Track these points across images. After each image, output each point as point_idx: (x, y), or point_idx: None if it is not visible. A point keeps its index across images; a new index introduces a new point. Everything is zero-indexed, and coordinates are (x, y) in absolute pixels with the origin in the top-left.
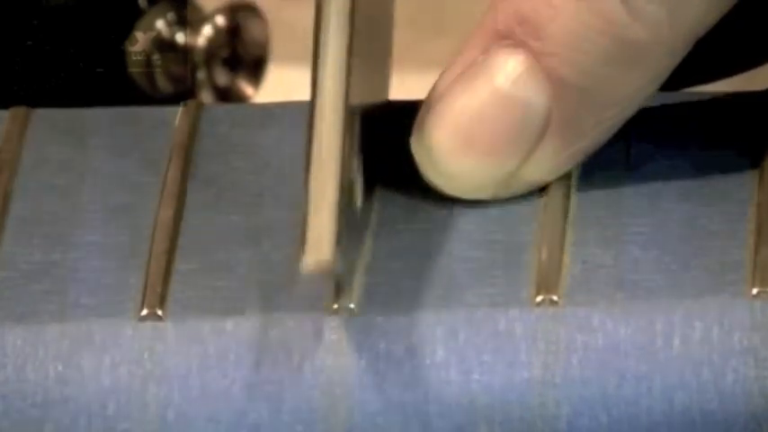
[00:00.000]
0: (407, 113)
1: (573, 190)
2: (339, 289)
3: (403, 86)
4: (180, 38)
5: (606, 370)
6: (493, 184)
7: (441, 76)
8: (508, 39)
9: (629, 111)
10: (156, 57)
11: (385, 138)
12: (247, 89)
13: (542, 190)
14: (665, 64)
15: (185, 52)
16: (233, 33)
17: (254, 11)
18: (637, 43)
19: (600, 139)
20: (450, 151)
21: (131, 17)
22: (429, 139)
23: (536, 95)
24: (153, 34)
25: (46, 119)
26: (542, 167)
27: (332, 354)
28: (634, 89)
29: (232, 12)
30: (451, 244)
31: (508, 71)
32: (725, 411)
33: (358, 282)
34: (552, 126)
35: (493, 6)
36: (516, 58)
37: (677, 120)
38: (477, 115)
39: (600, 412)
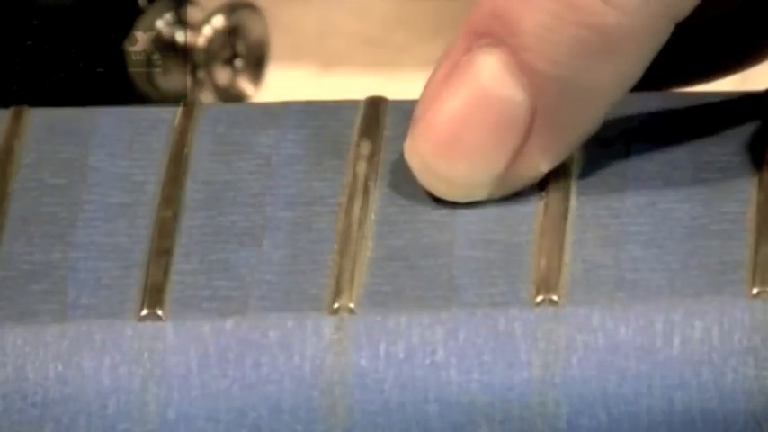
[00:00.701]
0: (406, 114)
1: (573, 190)
2: (339, 289)
3: (401, 87)
4: (180, 38)
5: (606, 370)
6: (486, 184)
7: (429, 78)
8: (487, 37)
9: (614, 98)
10: (156, 57)
11: (384, 138)
12: (247, 89)
13: (542, 190)
14: (644, 49)
15: (185, 52)
16: (233, 33)
17: (254, 11)
18: (610, 29)
19: (589, 129)
20: (440, 156)
21: (131, 17)
22: (419, 144)
23: (516, 92)
24: (153, 34)
25: (46, 119)
26: (534, 162)
27: (332, 354)
28: (615, 77)
29: (232, 12)
30: (451, 244)
31: (487, 70)
32: (725, 410)
33: (358, 282)
34: (538, 120)
35: (474, 5)
36: (494, 56)
37: (677, 120)
38: (462, 117)
39: (600, 412)
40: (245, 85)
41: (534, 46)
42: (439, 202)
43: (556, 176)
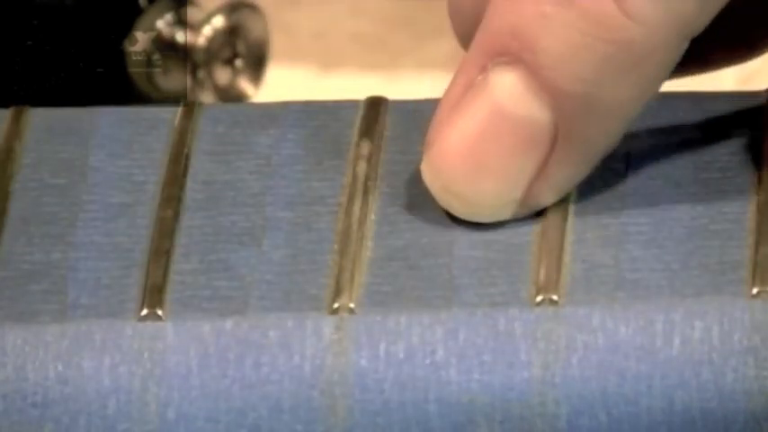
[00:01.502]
0: (406, 114)
1: (573, 190)
2: (339, 289)
3: (401, 87)
4: (180, 38)
5: (606, 370)
6: (509, 204)
7: (444, 96)
8: (504, 55)
9: (634, 114)
10: (156, 57)
11: (384, 138)
12: (247, 89)
13: None
14: (664, 65)
15: (185, 52)
16: (233, 33)
17: (254, 11)
18: (634, 44)
19: (610, 145)
20: (461, 178)
21: (131, 17)
22: (438, 167)
23: (538, 111)
24: (153, 34)
25: (46, 119)
26: (556, 181)
27: (332, 354)
28: (637, 92)
29: (232, 12)
30: (451, 244)
31: (507, 89)
32: (725, 410)
33: (358, 282)
34: (560, 138)
35: (486, 22)
36: (513, 74)
37: (677, 120)
38: (482, 138)
39: (600, 411)
40: (245, 85)
41: (556, 64)
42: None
43: None
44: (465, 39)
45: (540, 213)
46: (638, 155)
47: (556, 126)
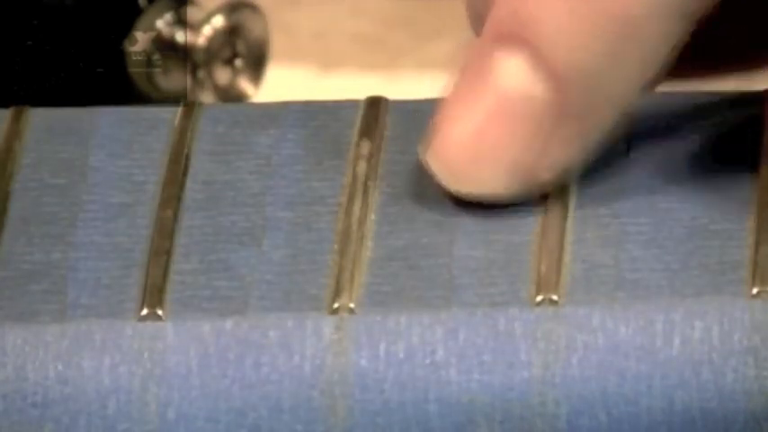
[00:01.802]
0: (406, 114)
1: (573, 190)
2: (339, 289)
3: (401, 87)
4: (180, 38)
5: (606, 369)
6: (513, 185)
7: (450, 83)
8: (507, 39)
9: (634, 95)
10: (156, 57)
11: (384, 138)
12: (247, 89)
13: None
14: (665, 39)
15: (185, 52)
16: (233, 33)
17: (254, 11)
18: (633, 19)
19: (610, 123)
20: (466, 160)
21: (131, 17)
22: (444, 149)
23: (541, 91)
24: (153, 34)
25: (46, 119)
26: (559, 162)
27: (332, 354)
28: (637, 72)
29: (232, 12)
30: (451, 244)
31: (510, 72)
32: (725, 410)
33: (358, 282)
34: (563, 119)
35: (492, 12)
36: (516, 57)
37: (677, 119)
38: (488, 120)
39: (600, 411)
40: (245, 85)
41: (557, 42)
42: (439, 202)
43: None
44: (474, 22)
45: (540, 213)
46: (637, 154)
47: (560, 107)
